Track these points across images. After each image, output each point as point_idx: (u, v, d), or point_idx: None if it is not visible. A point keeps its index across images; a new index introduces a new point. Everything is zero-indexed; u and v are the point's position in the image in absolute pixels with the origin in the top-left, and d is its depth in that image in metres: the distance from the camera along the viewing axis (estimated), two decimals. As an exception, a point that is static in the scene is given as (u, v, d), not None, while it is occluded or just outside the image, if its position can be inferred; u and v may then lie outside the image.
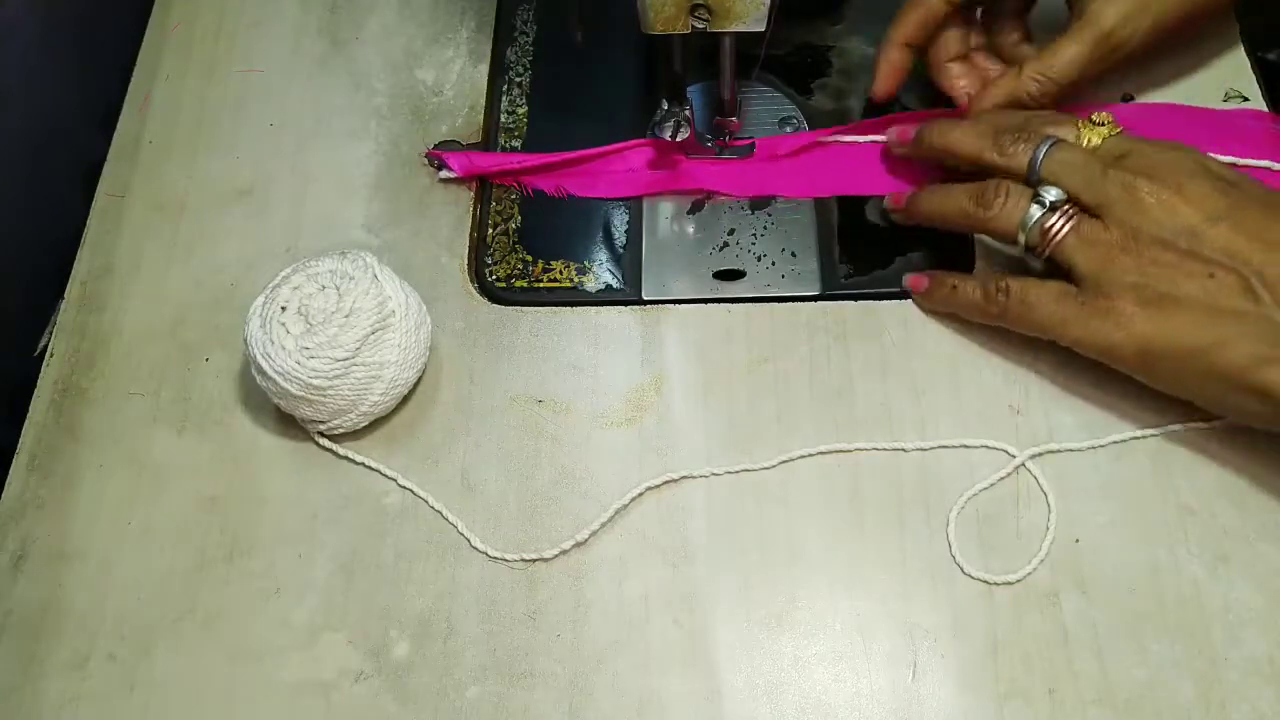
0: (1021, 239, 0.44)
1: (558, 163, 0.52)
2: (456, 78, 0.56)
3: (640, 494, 0.45)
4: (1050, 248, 0.43)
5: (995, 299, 0.45)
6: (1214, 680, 0.40)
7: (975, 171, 0.47)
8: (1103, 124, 0.44)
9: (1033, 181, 0.44)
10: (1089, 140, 0.44)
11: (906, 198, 0.49)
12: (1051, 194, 0.43)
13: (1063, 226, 0.43)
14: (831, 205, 0.52)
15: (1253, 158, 0.51)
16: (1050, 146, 0.44)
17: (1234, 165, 0.50)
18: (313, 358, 0.43)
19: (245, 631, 0.43)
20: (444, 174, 0.53)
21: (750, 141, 0.53)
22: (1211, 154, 0.50)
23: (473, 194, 0.53)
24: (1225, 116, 0.52)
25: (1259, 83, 0.54)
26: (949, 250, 0.49)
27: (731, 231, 0.51)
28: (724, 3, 0.43)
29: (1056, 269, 0.44)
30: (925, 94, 0.54)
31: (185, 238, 0.52)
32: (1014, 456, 0.45)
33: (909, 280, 0.49)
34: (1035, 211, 0.43)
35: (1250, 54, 0.55)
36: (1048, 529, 0.43)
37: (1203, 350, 0.40)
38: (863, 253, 0.50)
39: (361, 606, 0.43)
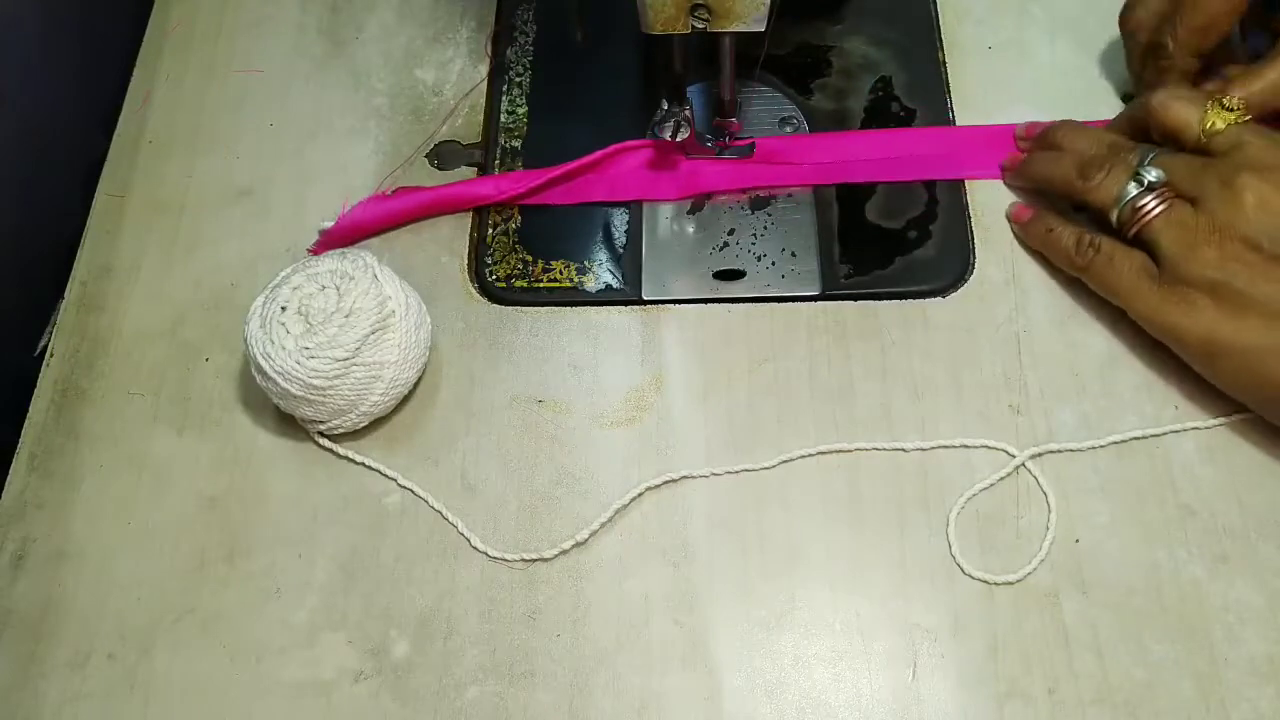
0: (1114, 215, 0.44)
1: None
2: (456, 78, 0.56)
3: (640, 494, 0.45)
4: (1139, 225, 0.43)
5: (1084, 251, 0.46)
6: (1214, 680, 0.40)
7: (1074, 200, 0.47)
8: (1232, 109, 0.44)
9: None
10: (1212, 123, 0.44)
11: (1019, 160, 0.50)
12: (1151, 174, 0.44)
13: (1155, 207, 0.43)
14: (831, 205, 0.52)
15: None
16: (1152, 157, 0.44)
17: None
18: (313, 358, 0.43)
19: (245, 631, 0.43)
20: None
21: (750, 141, 0.53)
22: None
23: (473, 194, 0.53)
24: None
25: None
26: (952, 248, 0.50)
27: (731, 231, 0.51)
28: (724, 3, 0.43)
29: (1144, 248, 0.44)
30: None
31: (185, 238, 0.52)
32: (1014, 456, 0.45)
33: (1015, 209, 0.50)
34: (1132, 189, 0.44)
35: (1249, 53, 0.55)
36: (1048, 529, 0.43)
37: (1266, 354, 0.40)
38: (863, 253, 0.50)
39: (361, 606, 0.43)
